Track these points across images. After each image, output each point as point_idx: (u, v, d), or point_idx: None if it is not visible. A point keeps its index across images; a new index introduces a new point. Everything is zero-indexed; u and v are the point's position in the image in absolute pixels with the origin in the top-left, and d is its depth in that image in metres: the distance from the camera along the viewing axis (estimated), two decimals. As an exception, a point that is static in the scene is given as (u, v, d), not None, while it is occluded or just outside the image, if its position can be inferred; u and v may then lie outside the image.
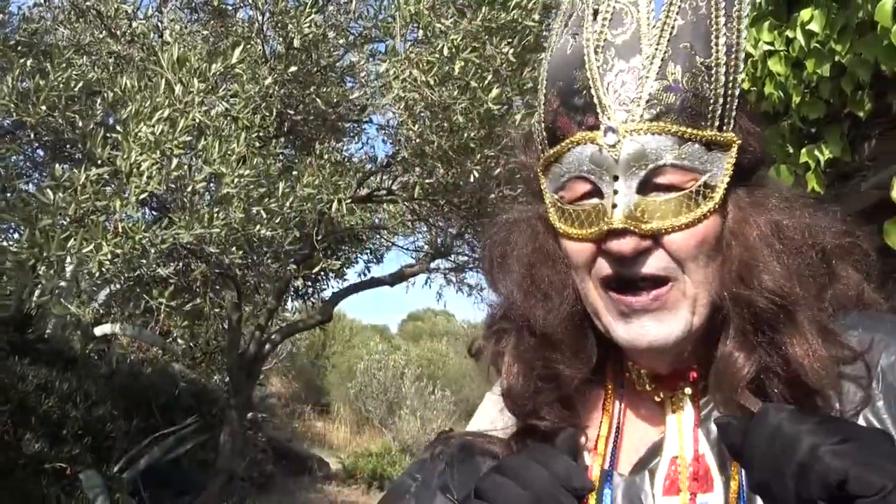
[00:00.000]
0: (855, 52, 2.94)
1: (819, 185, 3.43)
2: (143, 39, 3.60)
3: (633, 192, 0.78)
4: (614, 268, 0.79)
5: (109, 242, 2.54)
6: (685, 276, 0.79)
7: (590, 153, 0.79)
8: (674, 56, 0.77)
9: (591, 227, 0.80)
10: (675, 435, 0.83)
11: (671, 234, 0.78)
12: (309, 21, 3.25)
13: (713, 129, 0.79)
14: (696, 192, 0.78)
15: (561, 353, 0.85)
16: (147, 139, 2.60)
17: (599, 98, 0.78)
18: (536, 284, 0.87)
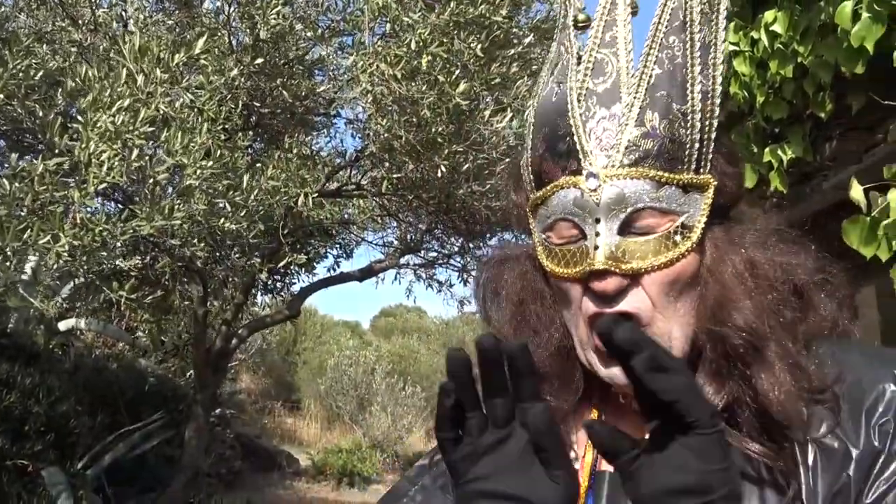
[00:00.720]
0: (817, 54, 2.99)
1: (782, 185, 3.49)
2: (105, 28, 3.54)
3: (614, 233, 0.82)
4: (595, 305, 0.84)
5: (67, 234, 2.49)
6: (657, 312, 0.83)
7: (573, 197, 0.84)
8: (651, 104, 0.82)
9: (576, 267, 0.84)
10: None
11: (650, 273, 0.82)
12: (276, 13, 3.21)
13: (690, 172, 0.83)
14: (674, 233, 0.83)
15: (549, 385, 0.90)
16: (107, 129, 2.55)
17: (581, 144, 0.83)
18: (526, 320, 0.92)
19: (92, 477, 6.03)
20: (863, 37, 2.58)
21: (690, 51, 0.83)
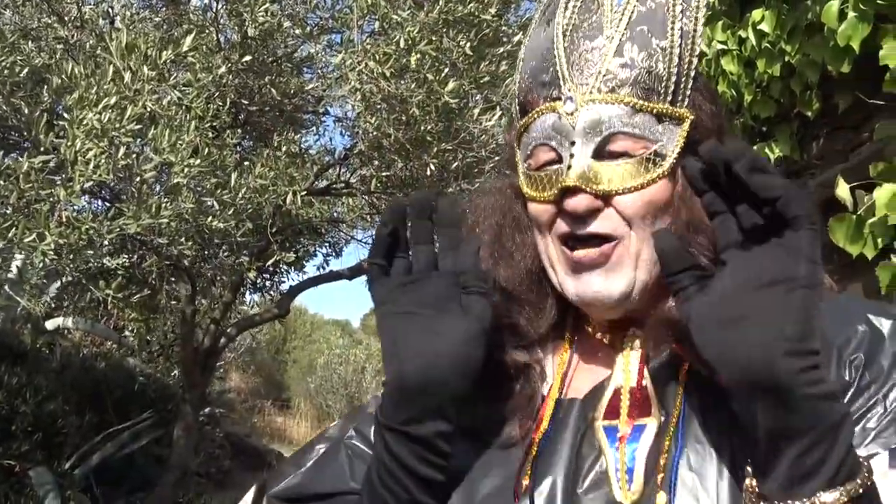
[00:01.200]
0: (804, 53, 3.00)
1: (769, 183, 3.51)
2: (92, 25, 3.51)
3: (589, 156, 0.85)
4: (568, 226, 0.87)
5: (53, 232, 2.47)
6: (632, 233, 0.86)
7: (552, 121, 0.88)
8: (631, 37, 0.86)
9: (551, 189, 0.87)
10: (622, 370, 0.90)
11: (622, 195, 0.85)
12: (264, 10, 3.20)
13: (665, 103, 0.87)
14: (647, 159, 0.86)
15: (521, 308, 0.94)
16: (93, 127, 2.53)
17: (563, 73, 0.88)
18: (503, 246, 0.96)
19: (80, 477, 5.99)
20: (849, 36, 2.60)
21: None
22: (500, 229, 0.97)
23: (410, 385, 0.80)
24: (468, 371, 0.81)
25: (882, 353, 0.80)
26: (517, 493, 0.84)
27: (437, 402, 0.81)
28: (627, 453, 0.82)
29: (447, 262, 0.86)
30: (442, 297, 0.83)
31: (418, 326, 0.81)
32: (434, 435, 0.81)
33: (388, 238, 0.84)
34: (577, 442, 0.86)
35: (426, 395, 0.80)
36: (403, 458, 0.81)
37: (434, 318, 0.81)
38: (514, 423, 0.90)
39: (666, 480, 0.79)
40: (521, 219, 0.96)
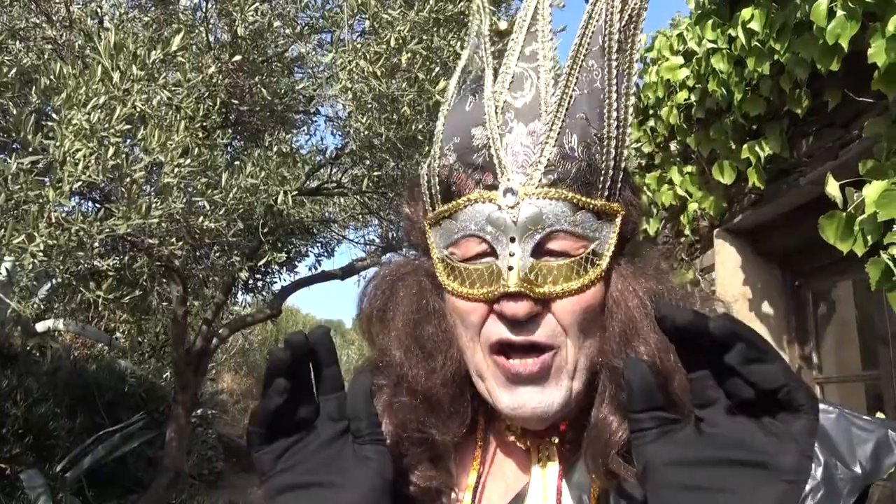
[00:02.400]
0: (793, 52, 3.01)
1: (759, 181, 3.52)
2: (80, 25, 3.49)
3: (528, 254, 0.79)
4: (507, 331, 0.80)
5: (43, 234, 2.45)
6: (568, 341, 0.81)
7: (487, 213, 0.80)
8: (571, 125, 0.80)
9: (484, 288, 0.80)
10: (540, 484, 0.84)
11: (561, 299, 0.79)
12: (254, 9, 3.19)
13: (603, 198, 0.82)
14: (585, 259, 0.81)
15: (437, 416, 0.85)
16: (82, 127, 2.52)
17: (500, 158, 0.80)
18: (419, 343, 0.86)
19: (71, 479, 5.96)
20: (838, 34, 2.61)
21: (608, 77, 0.82)
22: (416, 326, 0.87)
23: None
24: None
25: None
26: None
27: None
28: None
29: (331, 406, 0.75)
30: (333, 454, 0.73)
31: (314, 500, 0.71)
32: None
33: (275, 410, 0.71)
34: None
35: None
36: None
37: (329, 486, 0.71)
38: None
39: None
40: (440, 312, 0.87)
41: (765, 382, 0.60)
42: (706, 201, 4.04)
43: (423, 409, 0.85)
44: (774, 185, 3.54)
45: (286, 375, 0.70)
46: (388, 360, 0.88)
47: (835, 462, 0.76)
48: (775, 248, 3.94)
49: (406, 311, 0.88)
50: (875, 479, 0.76)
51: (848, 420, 0.80)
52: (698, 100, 3.97)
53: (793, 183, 3.41)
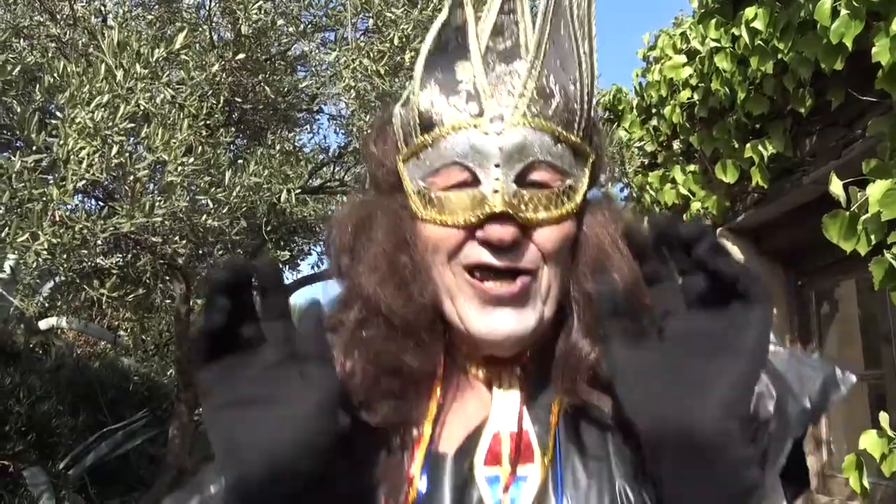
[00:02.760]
0: (796, 51, 3.01)
1: (763, 180, 3.52)
2: (84, 23, 3.49)
3: (511, 181, 0.80)
4: (489, 256, 0.80)
5: (46, 232, 2.46)
6: (546, 268, 0.83)
7: (472, 140, 0.81)
8: (549, 67, 0.83)
9: (466, 213, 0.81)
10: (501, 411, 0.85)
11: (542, 226, 0.81)
12: (258, 8, 3.19)
13: (578, 136, 0.85)
14: (562, 192, 0.83)
15: (412, 345, 0.85)
16: (86, 125, 2.52)
17: (485, 88, 0.82)
18: (396, 272, 0.86)
19: (74, 477, 5.97)
20: (842, 33, 2.61)
21: (574, 35, 0.86)
22: (392, 256, 0.87)
23: (256, 485, 0.69)
24: (320, 452, 0.72)
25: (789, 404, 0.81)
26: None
27: (288, 490, 0.71)
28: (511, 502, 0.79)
29: (276, 331, 0.74)
30: (279, 375, 0.72)
31: (255, 415, 0.70)
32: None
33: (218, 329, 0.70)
34: (457, 498, 0.81)
35: (276, 487, 0.70)
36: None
37: (272, 401, 0.71)
38: (381, 495, 0.82)
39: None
40: (413, 243, 0.87)
41: (726, 273, 0.65)
42: (709, 200, 4.04)
43: (398, 338, 0.85)
44: (778, 184, 3.54)
45: (228, 296, 0.70)
46: (360, 292, 0.87)
47: (787, 397, 0.80)
48: (778, 248, 3.94)
49: (380, 243, 0.88)
50: (821, 413, 0.82)
51: (798, 360, 0.85)
52: (701, 99, 3.97)
53: (796, 182, 3.41)
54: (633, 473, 0.79)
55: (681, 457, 0.65)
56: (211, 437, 0.72)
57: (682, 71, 4.08)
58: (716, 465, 0.64)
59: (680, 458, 0.65)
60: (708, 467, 0.64)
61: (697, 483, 0.65)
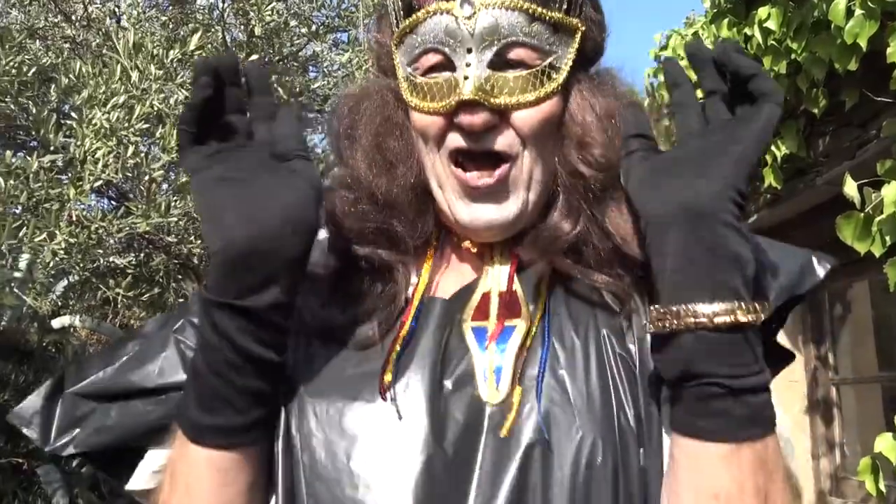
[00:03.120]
0: (810, 51, 3.00)
1: (776, 181, 3.51)
2: (98, 24, 3.52)
3: (485, 66, 0.80)
4: (464, 141, 0.81)
5: (63, 231, 2.48)
6: (526, 152, 0.82)
7: (445, 25, 0.81)
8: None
9: (443, 100, 0.81)
10: (493, 275, 0.87)
11: (518, 110, 0.81)
12: (270, 9, 3.21)
13: (561, 11, 0.83)
14: (542, 72, 0.82)
15: (398, 220, 0.87)
16: (102, 126, 2.54)
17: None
18: (382, 155, 0.88)
19: (87, 474, 6.01)
20: (856, 33, 2.59)
21: None
22: (378, 137, 0.88)
23: (240, 251, 0.70)
24: (302, 233, 0.73)
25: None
26: (381, 390, 0.78)
27: (270, 269, 0.71)
28: (496, 353, 0.80)
29: (262, 131, 0.78)
30: (264, 162, 0.75)
31: (242, 190, 0.72)
32: (269, 307, 0.72)
33: (201, 103, 0.73)
34: (444, 340, 0.82)
35: (258, 260, 0.71)
36: (234, 337, 0.71)
37: (258, 182, 0.73)
38: (373, 324, 0.83)
39: (533, 380, 0.78)
40: (403, 126, 0.88)
41: (742, 69, 0.72)
42: (721, 201, 4.03)
43: (386, 213, 0.87)
44: (791, 184, 3.52)
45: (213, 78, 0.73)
46: (354, 174, 0.90)
47: (767, 274, 0.82)
48: (791, 248, 3.92)
49: (370, 125, 0.89)
50: (797, 293, 0.84)
51: (780, 246, 0.88)
52: (714, 99, 3.96)
53: (809, 183, 3.40)
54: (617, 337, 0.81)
55: (682, 226, 0.68)
56: (198, 207, 0.74)
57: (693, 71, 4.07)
58: (714, 229, 0.68)
59: (681, 227, 0.69)
60: (706, 231, 0.68)
61: (694, 248, 0.68)
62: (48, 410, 0.85)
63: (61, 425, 0.85)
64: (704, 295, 0.68)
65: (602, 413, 0.76)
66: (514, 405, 0.76)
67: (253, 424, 0.75)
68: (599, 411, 0.76)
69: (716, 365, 0.68)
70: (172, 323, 0.89)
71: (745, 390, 0.68)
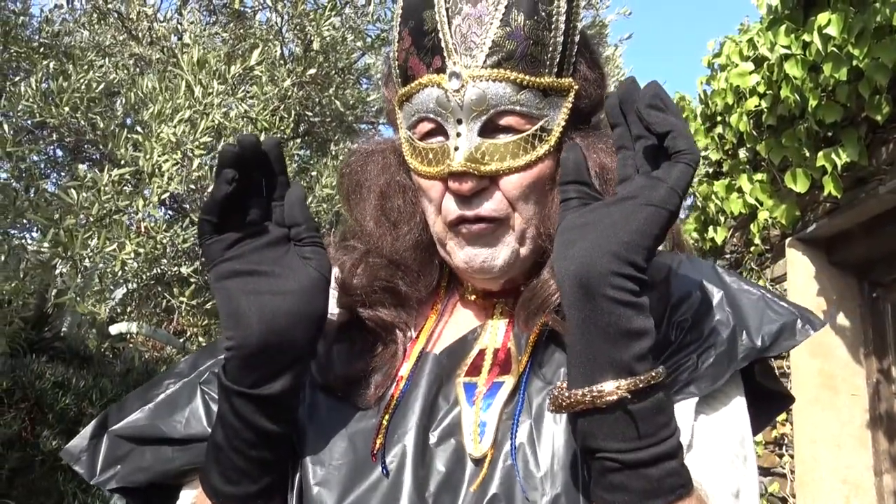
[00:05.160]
0: (872, 57, 2.94)
1: (836, 189, 3.43)
2: (163, 41, 3.64)
3: (475, 134, 0.83)
4: (456, 205, 0.85)
5: (132, 241, 2.57)
6: (516, 214, 0.86)
7: (436, 96, 0.84)
8: (518, 3, 0.82)
9: (437, 166, 0.85)
10: (490, 329, 0.91)
11: (508, 175, 0.84)
12: (328, 24, 3.28)
13: (551, 75, 0.85)
14: (533, 136, 0.85)
15: (403, 275, 0.92)
16: (169, 140, 2.63)
17: (446, 41, 0.83)
18: (387, 214, 0.93)
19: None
20: (922, 39, 2.54)
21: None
22: (384, 198, 0.94)
23: (255, 349, 0.76)
24: (313, 326, 0.79)
25: (706, 320, 0.84)
26: (373, 454, 0.82)
27: (281, 362, 0.78)
28: (482, 408, 0.83)
29: (278, 212, 0.83)
30: (279, 252, 0.80)
31: (257, 285, 0.77)
32: (282, 393, 0.78)
33: (226, 196, 0.77)
34: (433, 394, 0.86)
35: (270, 356, 0.77)
36: (251, 419, 0.78)
37: (272, 275, 0.78)
38: (371, 382, 0.88)
39: (509, 435, 0.80)
40: (406, 187, 0.93)
41: (656, 125, 0.70)
42: (777, 210, 3.96)
43: (392, 269, 0.92)
44: (851, 193, 3.45)
45: (237, 169, 0.76)
46: (361, 229, 0.95)
47: (742, 331, 0.84)
48: (851, 258, 3.83)
49: (374, 184, 0.95)
50: (769, 355, 0.85)
51: (766, 302, 0.88)
52: (769, 106, 3.90)
53: (871, 191, 3.32)
54: None
55: (574, 300, 0.69)
56: (217, 303, 0.78)
57: (748, 78, 4.02)
58: (599, 306, 0.67)
59: (576, 297, 0.69)
60: (591, 308, 0.68)
61: (587, 322, 0.68)
62: (94, 448, 0.92)
63: (105, 462, 0.92)
64: (593, 374, 0.68)
65: (567, 469, 0.78)
66: (487, 460, 0.80)
67: (267, 488, 0.82)
68: (564, 468, 0.78)
69: (607, 441, 0.68)
70: (201, 364, 0.96)
71: (641, 463, 0.67)
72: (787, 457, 3.92)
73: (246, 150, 0.78)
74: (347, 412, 0.87)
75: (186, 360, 1.01)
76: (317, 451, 0.85)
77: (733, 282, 0.90)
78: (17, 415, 5.25)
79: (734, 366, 0.82)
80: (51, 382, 5.70)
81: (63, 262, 2.73)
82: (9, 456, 5.06)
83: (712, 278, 0.89)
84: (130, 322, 7.10)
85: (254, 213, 0.81)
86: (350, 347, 0.91)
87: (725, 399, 0.84)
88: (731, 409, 0.85)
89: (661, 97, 0.71)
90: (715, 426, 0.83)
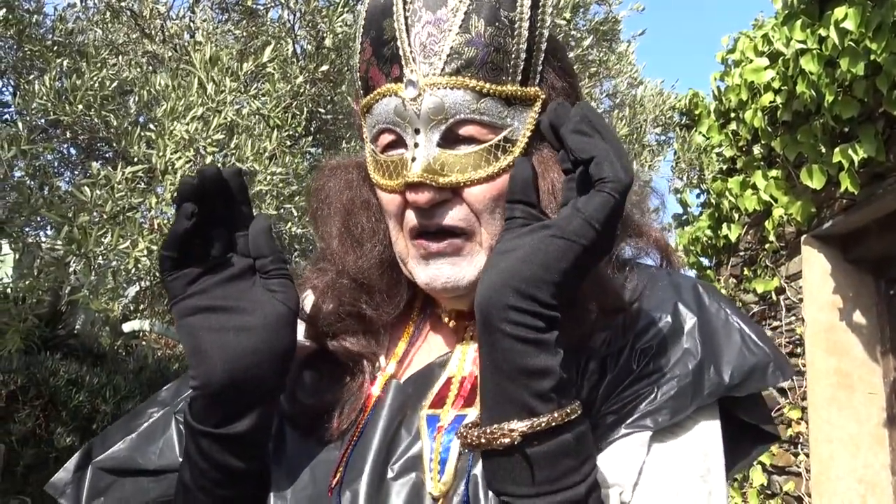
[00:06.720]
0: (891, 51, 2.91)
1: (853, 185, 3.40)
2: (175, 39, 3.65)
3: (434, 145, 0.80)
4: (416, 218, 0.82)
5: (146, 239, 2.58)
6: (482, 227, 0.82)
7: (394, 106, 0.81)
8: (478, 9, 0.78)
9: (396, 179, 0.82)
10: (460, 355, 0.88)
11: (470, 187, 0.81)
12: (340, 20, 3.27)
13: (515, 84, 0.81)
14: (496, 147, 0.81)
15: (370, 297, 0.90)
16: (181, 137, 2.63)
17: (404, 50, 0.80)
18: (351, 232, 0.91)
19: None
20: (942, 32, 2.51)
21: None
22: (347, 215, 0.91)
23: (218, 387, 0.74)
24: (279, 361, 0.78)
25: (672, 349, 0.80)
26: (330, 489, 0.81)
27: (247, 400, 0.77)
28: (443, 443, 0.80)
29: (242, 243, 0.81)
30: (244, 286, 0.78)
31: (221, 322, 0.75)
32: (249, 431, 0.78)
33: (186, 230, 0.75)
34: (395, 426, 0.84)
35: (235, 395, 0.76)
36: (218, 458, 0.77)
37: (236, 311, 0.76)
38: (335, 416, 0.86)
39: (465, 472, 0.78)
40: (370, 203, 0.91)
41: (578, 151, 0.68)
42: (793, 206, 3.92)
43: (358, 291, 0.90)
44: (868, 189, 3.41)
45: (196, 203, 0.75)
46: (329, 249, 0.93)
47: (710, 365, 0.80)
48: (868, 255, 3.79)
49: (338, 200, 0.92)
50: (736, 394, 0.81)
51: (743, 339, 0.84)
52: (785, 102, 3.86)
53: (888, 187, 3.29)
54: None
55: (480, 329, 0.67)
56: (181, 341, 0.77)
57: (763, 74, 3.98)
58: (497, 342, 0.65)
59: (480, 329, 0.67)
60: (493, 340, 0.66)
61: (488, 356, 0.66)
62: (78, 481, 0.93)
63: (89, 495, 0.92)
64: (495, 413, 0.67)
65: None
66: (443, 499, 0.78)
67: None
68: None
69: (503, 484, 0.67)
70: (184, 391, 0.96)
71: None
72: (803, 455, 3.89)
73: (206, 182, 0.76)
74: (313, 444, 0.86)
75: (169, 387, 1.01)
76: (279, 484, 0.84)
77: (712, 306, 0.85)
78: (32, 412, 5.29)
79: (698, 401, 0.78)
80: (65, 379, 5.74)
81: (77, 260, 2.74)
82: (23, 453, 5.09)
83: (689, 302, 0.85)
84: (143, 320, 7.14)
85: (217, 245, 0.80)
86: (318, 378, 0.90)
87: (690, 423, 0.80)
88: (694, 433, 0.80)
89: (588, 119, 0.69)
90: (673, 451, 0.79)
